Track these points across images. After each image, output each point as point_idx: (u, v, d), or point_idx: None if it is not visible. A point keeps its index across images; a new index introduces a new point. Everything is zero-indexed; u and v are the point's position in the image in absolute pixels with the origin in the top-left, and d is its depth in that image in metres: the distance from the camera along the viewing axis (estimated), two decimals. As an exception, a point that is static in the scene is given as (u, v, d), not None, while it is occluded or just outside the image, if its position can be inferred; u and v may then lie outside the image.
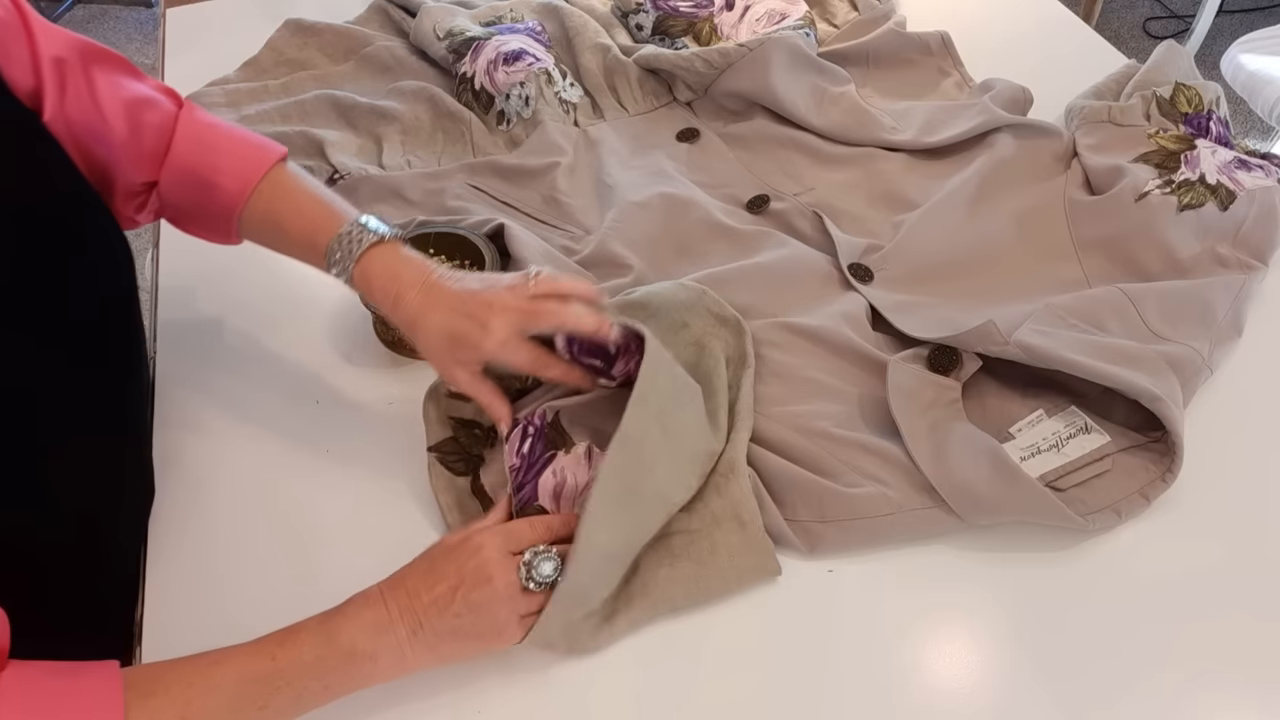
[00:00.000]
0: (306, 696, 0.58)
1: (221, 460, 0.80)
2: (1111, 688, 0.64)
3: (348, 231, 0.69)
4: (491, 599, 0.60)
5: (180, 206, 0.74)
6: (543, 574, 0.61)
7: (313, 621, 0.59)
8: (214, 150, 0.72)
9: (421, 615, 0.60)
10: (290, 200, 0.72)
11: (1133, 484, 0.72)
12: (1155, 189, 0.89)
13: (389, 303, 0.69)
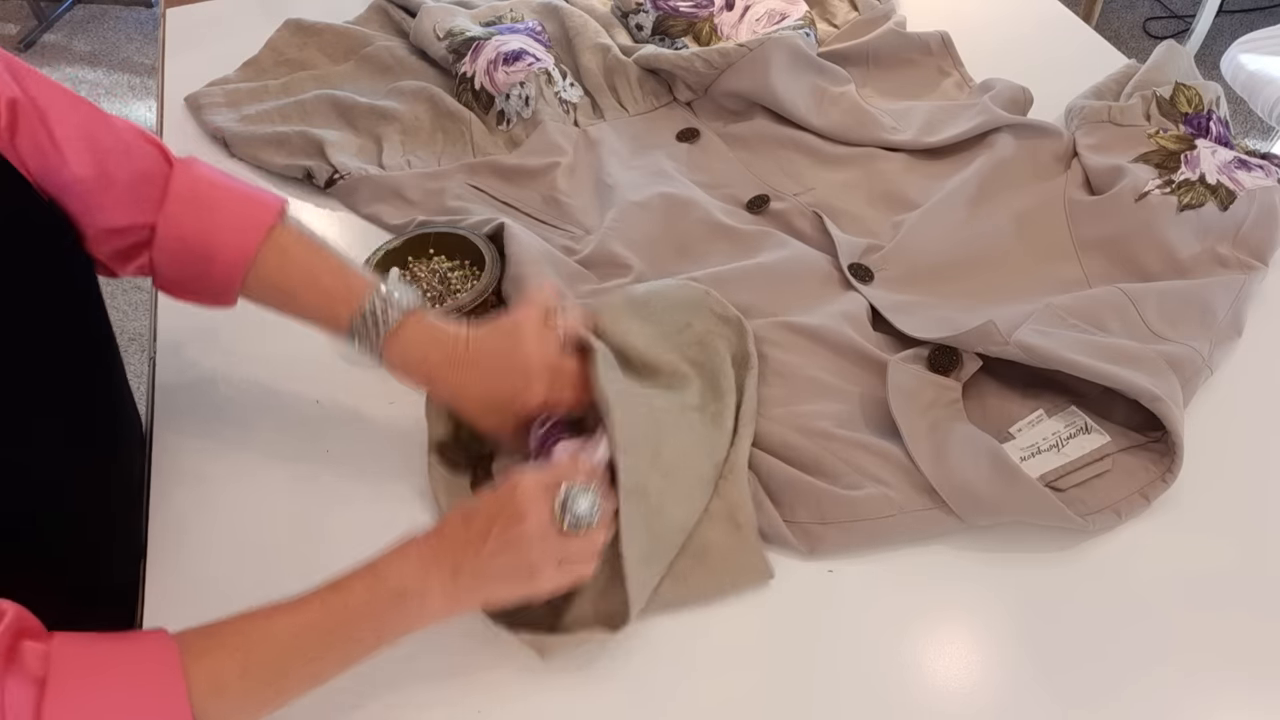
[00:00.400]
0: (359, 644, 0.58)
1: (221, 460, 0.80)
2: (1111, 687, 0.64)
3: (371, 310, 0.67)
4: (524, 536, 0.58)
5: (176, 279, 0.70)
6: (578, 510, 0.59)
7: (359, 568, 0.59)
8: (211, 211, 0.67)
9: (459, 555, 0.59)
10: (299, 269, 0.69)
11: (1133, 484, 0.72)
12: (1155, 189, 0.89)
13: (424, 383, 0.70)
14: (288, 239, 0.69)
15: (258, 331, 0.90)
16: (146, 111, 2.75)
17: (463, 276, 0.89)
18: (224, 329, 0.90)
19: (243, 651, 0.54)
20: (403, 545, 0.60)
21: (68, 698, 0.49)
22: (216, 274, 0.68)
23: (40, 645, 0.50)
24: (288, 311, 0.71)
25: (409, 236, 0.90)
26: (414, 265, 0.90)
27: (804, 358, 0.80)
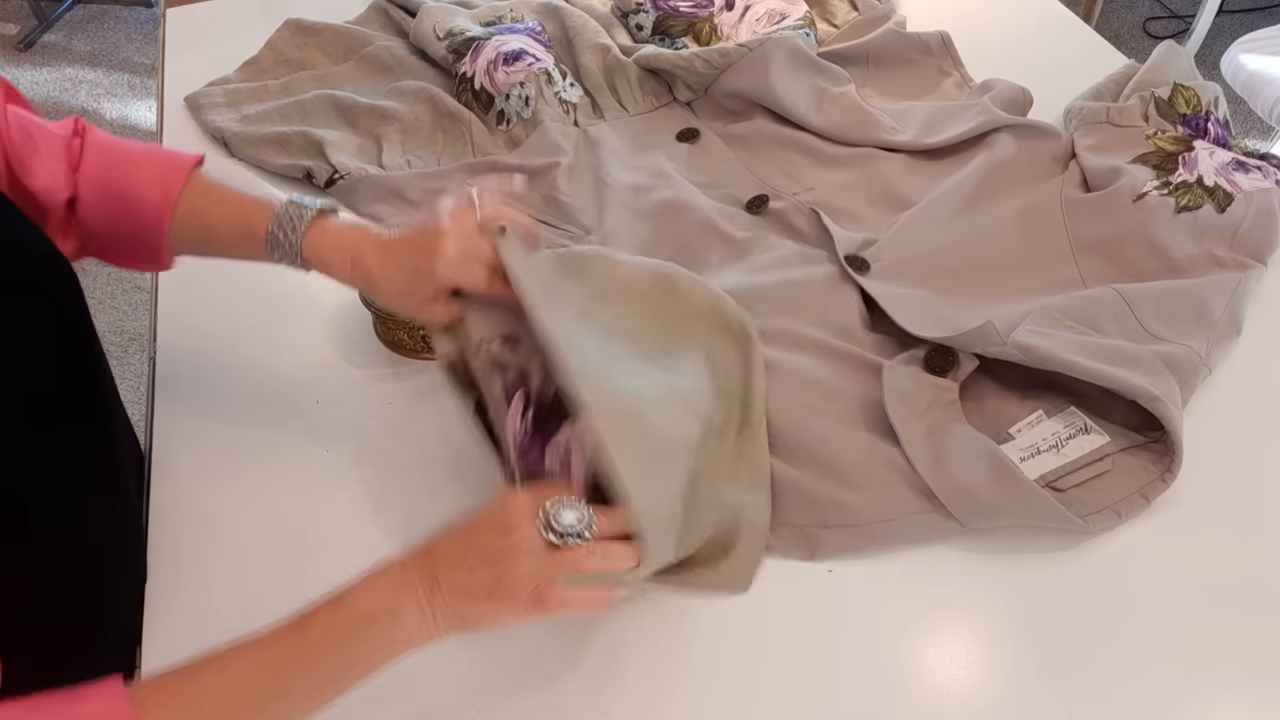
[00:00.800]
0: (331, 676, 0.54)
1: (221, 460, 0.80)
2: (1111, 686, 0.64)
3: (284, 213, 0.69)
4: (509, 548, 0.55)
5: (105, 233, 0.72)
6: (563, 522, 0.56)
7: (322, 599, 0.56)
8: (128, 163, 0.70)
9: (438, 569, 0.56)
10: (215, 196, 0.71)
11: (1132, 484, 0.72)
12: (1153, 190, 0.89)
13: (346, 268, 0.69)
14: (206, 180, 0.72)
15: (258, 331, 0.90)
16: (147, 111, 2.75)
17: (462, 276, 0.89)
18: (224, 329, 0.90)
19: (197, 704, 0.52)
20: (370, 572, 0.57)
21: None
22: (144, 219, 0.70)
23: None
24: (213, 248, 0.73)
25: (409, 236, 0.90)
26: (414, 265, 0.90)
27: (804, 358, 0.81)
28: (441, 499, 0.76)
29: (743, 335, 0.79)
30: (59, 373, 0.64)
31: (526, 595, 0.55)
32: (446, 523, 0.59)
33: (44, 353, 0.62)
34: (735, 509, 0.70)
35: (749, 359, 0.77)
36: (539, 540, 0.56)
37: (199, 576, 0.72)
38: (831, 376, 0.79)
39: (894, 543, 0.71)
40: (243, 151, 1.06)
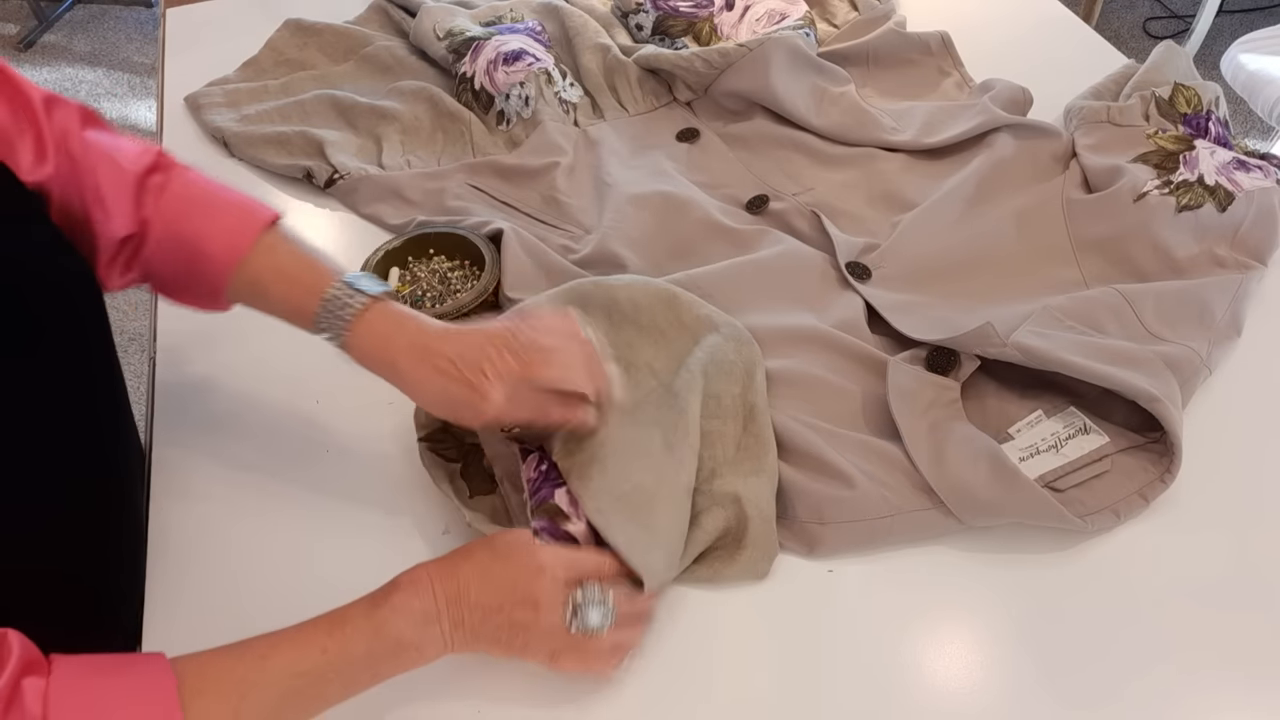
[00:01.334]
0: (355, 685, 0.59)
1: (221, 460, 0.80)
2: (1111, 686, 0.64)
3: (335, 296, 0.66)
4: (532, 625, 0.60)
5: (166, 276, 0.71)
6: (588, 623, 0.60)
7: (359, 610, 0.59)
8: (203, 212, 0.68)
9: (465, 613, 0.60)
10: (275, 265, 0.68)
11: (1131, 485, 0.72)
12: (1154, 189, 0.89)
13: (385, 371, 0.67)
14: (276, 240, 0.69)
15: (258, 331, 0.90)
16: (146, 111, 2.75)
17: (463, 276, 0.89)
18: (224, 329, 0.90)
19: (238, 695, 0.54)
20: (406, 593, 0.60)
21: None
22: (206, 272, 0.68)
23: (40, 681, 0.49)
24: (265, 309, 0.71)
25: (409, 236, 0.90)
26: (414, 265, 0.90)
27: (804, 356, 0.81)
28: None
29: (742, 336, 0.79)
30: (81, 387, 0.66)
31: (541, 659, 0.62)
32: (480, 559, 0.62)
33: (70, 366, 0.64)
34: (736, 498, 0.70)
35: (749, 358, 0.77)
36: (560, 626, 0.60)
37: (199, 576, 0.72)
38: (831, 373, 0.79)
39: (893, 540, 0.71)
40: (242, 151, 1.06)
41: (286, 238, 0.70)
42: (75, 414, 0.66)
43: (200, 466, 0.79)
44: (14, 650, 0.50)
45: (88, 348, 0.67)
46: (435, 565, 0.61)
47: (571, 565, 0.62)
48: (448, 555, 0.62)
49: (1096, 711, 0.63)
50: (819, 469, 0.73)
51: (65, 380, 0.64)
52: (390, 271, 0.89)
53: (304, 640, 0.57)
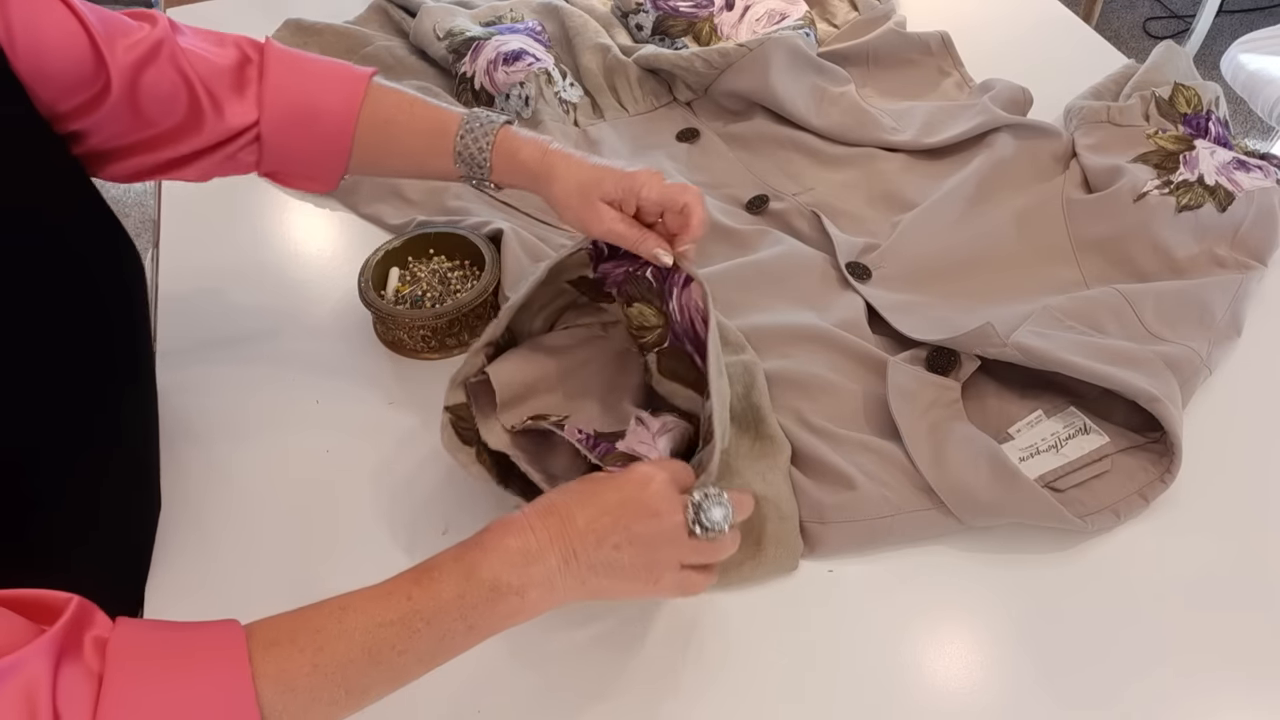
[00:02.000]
0: (450, 639, 0.53)
1: (221, 460, 0.80)
2: (1111, 687, 0.64)
3: (475, 114, 0.73)
4: (657, 534, 0.56)
5: (286, 151, 0.74)
6: (713, 519, 0.57)
7: (448, 556, 0.54)
8: (309, 77, 0.72)
9: (576, 542, 0.55)
10: (398, 103, 0.74)
11: (1131, 485, 0.72)
12: (1154, 189, 0.89)
13: (536, 158, 0.73)
14: (386, 88, 0.74)
15: (258, 331, 0.90)
16: (146, 111, 2.74)
17: (462, 277, 0.89)
18: (224, 329, 0.90)
19: (314, 646, 0.50)
20: (497, 532, 0.55)
21: (124, 692, 0.45)
22: (328, 130, 0.73)
23: (102, 635, 0.47)
24: (392, 158, 0.76)
25: (409, 236, 0.90)
26: (414, 265, 0.90)
27: (805, 355, 0.81)
28: (442, 499, 0.76)
29: (739, 340, 0.79)
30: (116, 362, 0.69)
31: (675, 578, 0.58)
32: (576, 489, 0.59)
33: (112, 344, 0.68)
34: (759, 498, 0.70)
35: (748, 362, 0.77)
36: (684, 529, 0.57)
37: (199, 576, 0.72)
38: (832, 372, 0.79)
39: (893, 540, 0.71)
40: (243, 151, 1.06)
41: (391, 85, 0.75)
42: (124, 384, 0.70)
43: (199, 466, 0.79)
44: (69, 606, 0.47)
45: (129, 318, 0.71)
46: (529, 506, 0.57)
47: (675, 471, 0.60)
48: (537, 499, 0.58)
49: (1097, 712, 0.63)
50: (819, 470, 0.73)
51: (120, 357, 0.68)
52: (390, 271, 0.89)
53: (388, 588, 0.53)
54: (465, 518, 0.74)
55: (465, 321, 0.86)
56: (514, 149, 0.73)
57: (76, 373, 0.65)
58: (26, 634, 0.45)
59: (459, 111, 0.74)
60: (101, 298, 0.67)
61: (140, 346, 0.73)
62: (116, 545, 0.71)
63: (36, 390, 0.61)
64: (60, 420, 0.64)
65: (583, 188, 0.70)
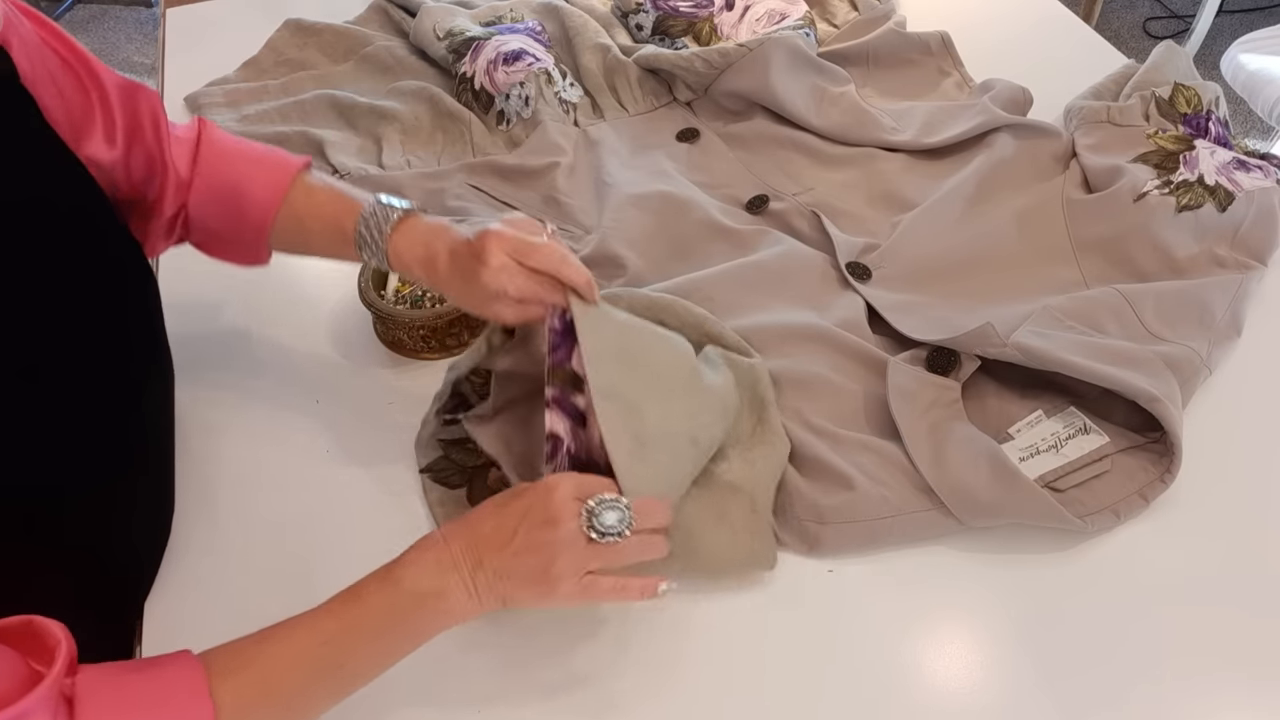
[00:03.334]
0: (383, 647, 0.58)
1: (221, 460, 0.80)
2: (1111, 687, 0.64)
3: (371, 212, 0.71)
4: (553, 541, 0.58)
5: (210, 228, 0.76)
6: (605, 523, 0.58)
7: (374, 576, 0.59)
8: (241, 162, 0.75)
9: (482, 551, 0.59)
10: (313, 198, 0.75)
11: (1131, 485, 0.72)
12: (1154, 189, 0.89)
13: (426, 269, 0.71)
14: (310, 182, 0.75)
15: (258, 331, 0.90)
16: (146, 111, 2.74)
17: (462, 276, 0.89)
18: (223, 329, 0.90)
19: (264, 673, 0.55)
20: (420, 546, 0.60)
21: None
22: (251, 217, 0.74)
23: (69, 680, 0.51)
24: (308, 247, 0.77)
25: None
26: (414, 265, 0.90)
27: (805, 355, 0.80)
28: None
29: (744, 346, 0.79)
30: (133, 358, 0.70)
31: (574, 584, 0.59)
32: (493, 499, 0.61)
33: (131, 341, 0.69)
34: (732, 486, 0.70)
35: (754, 362, 0.77)
36: (581, 536, 0.59)
37: (198, 575, 0.72)
38: (832, 373, 0.79)
39: (893, 540, 0.71)
40: (243, 151, 1.06)
41: (320, 178, 0.76)
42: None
43: (199, 467, 0.79)
44: (62, 645, 0.51)
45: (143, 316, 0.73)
46: (446, 523, 0.62)
47: (581, 482, 0.61)
48: (462, 515, 0.62)
49: (1097, 712, 0.63)
50: (819, 469, 0.73)
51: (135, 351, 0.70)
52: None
53: (324, 611, 0.58)
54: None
55: (465, 321, 0.86)
56: (405, 261, 0.71)
57: (99, 372, 0.65)
58: (24, 676, 0.49)
59: (359, 207, 0.72)
60: (122, 295, 0.69)
61: (159, 344, 0.74)
62: (133, 541, 0.72)
63: (61, 395, 0.62)
64: (84, 421, 0.64)
65: (470, 304, 0.70)
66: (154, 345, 0.74)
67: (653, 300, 0.78)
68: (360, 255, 0.72)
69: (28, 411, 0.59)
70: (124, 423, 0.69)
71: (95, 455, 0.65)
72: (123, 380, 0.69)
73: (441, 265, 0.69)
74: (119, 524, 0.69)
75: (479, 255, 0.66)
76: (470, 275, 0.67)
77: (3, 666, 0.50)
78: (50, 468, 0.61)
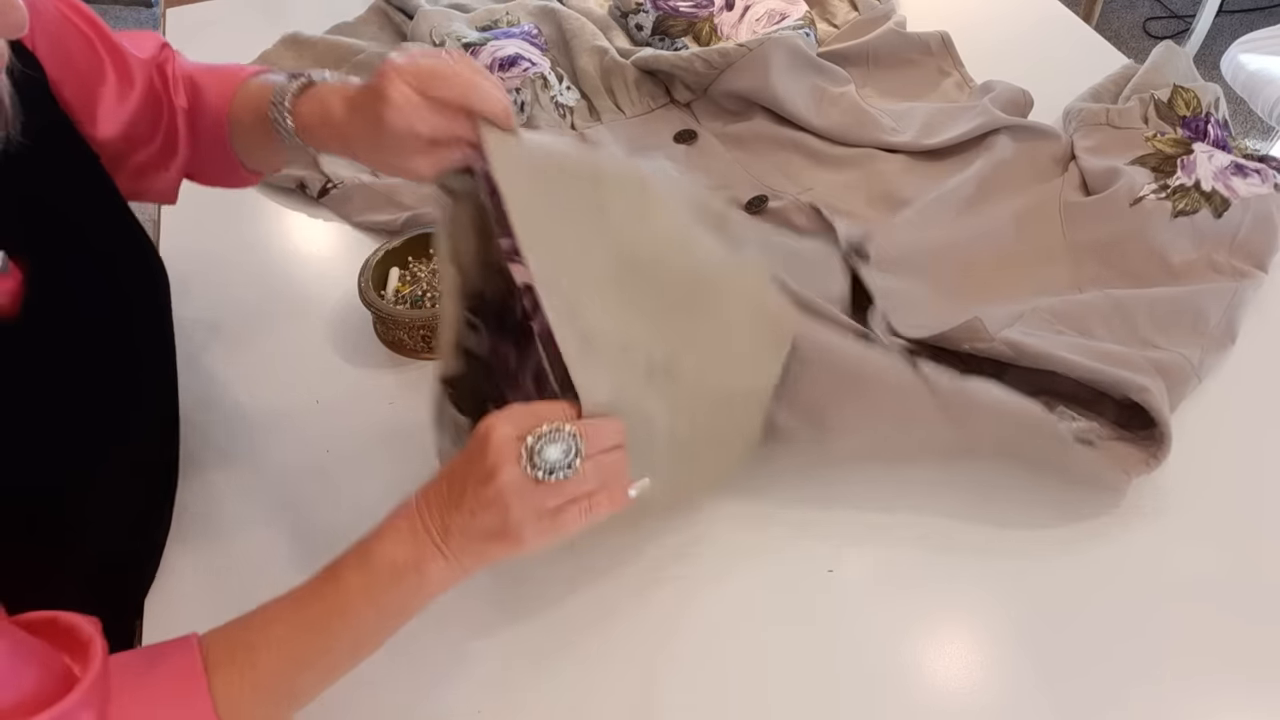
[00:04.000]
0: (364, 626, 0.56)
1: (220, 460, 0.80)
2: (1111, 688, 0.64)
3: (279, 89, 0.67)
4: (500, 491, 0.53)
5: (201, 155, 0.77)
6: (548, 459, 0.53)
7: (350, 551, 0.56)
8: (203, 77, 0.75)
9: (444, 513, 0.55)
10: (248, 95, 0.72)
11: (1118, 467, 0.72)
12: (1150, 193, 0.89)
13: (326, 129, 0.65)
14: (254, 82, 0.73)
15: (257, 331, 0.90)
16: (147, 111, 2.74)
17: (462, 277, 0.89)
18: (223, 328, 0.90)
19: (250, 664, 0.54)
20: (392, 517, 0.57)
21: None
22: (212, 131, 0.74)
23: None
24: (251, 147, 0.74)
25: (409, 236, 0.90)
26: (414, 265, 0.90)
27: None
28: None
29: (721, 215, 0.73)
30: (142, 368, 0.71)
31: (537, 528, 0.54)
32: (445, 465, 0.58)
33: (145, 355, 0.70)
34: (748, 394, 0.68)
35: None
36: (525, 479, 0.54)
37: (198, 575, 0.72)
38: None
39: (883, 410, 0.70)
40: (239, 155, 1.06)
41: (264, 79, 0.72)
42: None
43: (199, 467, 0.79)
44: (96, 641, 0.52)
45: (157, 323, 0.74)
46: (407, 502, 0.57)
47: (523, 418, 0.55)
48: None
49: (1097, 713, 0.63)
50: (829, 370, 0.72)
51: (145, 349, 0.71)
52: (390, 271, 0.89)
53: (302, 592, 0.56)
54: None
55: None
56: (307, 124, 0.66)
57: (106, 373, 0.66)
58: (62, 676, 0.50)
59: (269, 84, 0.70)
60: (127, 296, 0.69)
61: (165, 342, 0.74)
62: (133, 540, 0.72)
63: (70, 391, 0.62)
64: (91, 418, 0.65)
65: (378, 158, 0.64)
66: (162, 344, 0.74)
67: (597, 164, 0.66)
68: (279, 139, 0.67)
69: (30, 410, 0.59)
70: (126, 422, 0.69)
71: (98, 455, 0.65)
72: (129, 380, 0.69)
73: (338, 118, 0.63)
74: (120, 523, 0.70)
75: (380, 94, 0.58)
76: (374, 122, 0.59)
77: (41, 663, 0.50)
78: (53, 467, 0.61)
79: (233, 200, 0.96)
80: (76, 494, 0.64)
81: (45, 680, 0.49)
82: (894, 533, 0.72)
